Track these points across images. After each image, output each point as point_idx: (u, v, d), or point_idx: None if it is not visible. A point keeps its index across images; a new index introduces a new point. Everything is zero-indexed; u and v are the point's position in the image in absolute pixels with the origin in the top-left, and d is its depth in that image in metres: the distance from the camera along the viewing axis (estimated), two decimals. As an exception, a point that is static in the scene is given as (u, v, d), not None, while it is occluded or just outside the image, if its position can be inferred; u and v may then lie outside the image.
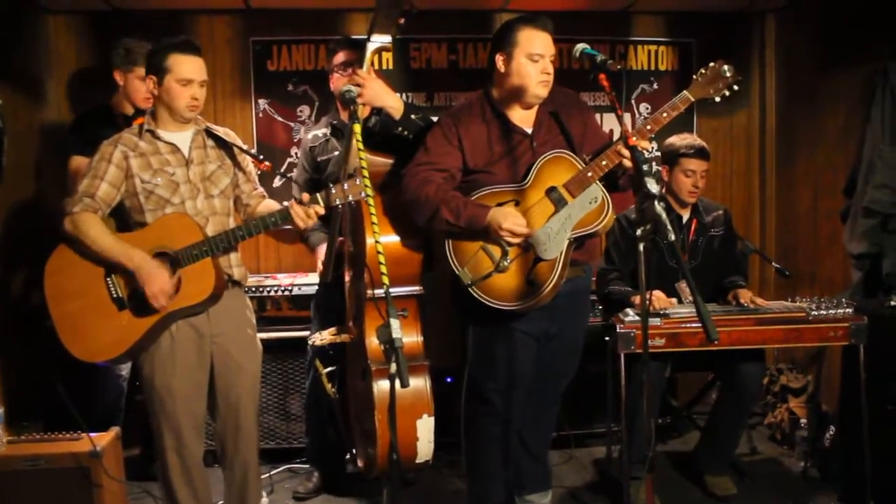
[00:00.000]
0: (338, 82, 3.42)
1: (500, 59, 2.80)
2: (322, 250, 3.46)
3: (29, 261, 3.47)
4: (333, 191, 2.65)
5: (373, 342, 2.67)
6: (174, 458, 2.81)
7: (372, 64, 2.91)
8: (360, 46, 3.42)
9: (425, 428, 2.75)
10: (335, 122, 3.49)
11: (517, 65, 2.76)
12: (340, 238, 3.07)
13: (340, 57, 3.44)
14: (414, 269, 2.88)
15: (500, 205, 2.72)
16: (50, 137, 4.08)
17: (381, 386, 2.67)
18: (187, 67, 2.71)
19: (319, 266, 3.44)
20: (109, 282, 2.69)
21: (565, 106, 2.93)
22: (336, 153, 3.42)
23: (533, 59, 2.74)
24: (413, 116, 2.93)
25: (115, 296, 2.69)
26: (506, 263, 2.68)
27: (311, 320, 3.63)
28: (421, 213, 2.73)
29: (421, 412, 2.74)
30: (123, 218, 2.81)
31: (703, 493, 3.53)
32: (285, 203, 2.77)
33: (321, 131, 3.54)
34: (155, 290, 2.62)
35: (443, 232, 2.74)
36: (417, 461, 2.78)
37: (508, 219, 2.65)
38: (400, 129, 2.92)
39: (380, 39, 2.84)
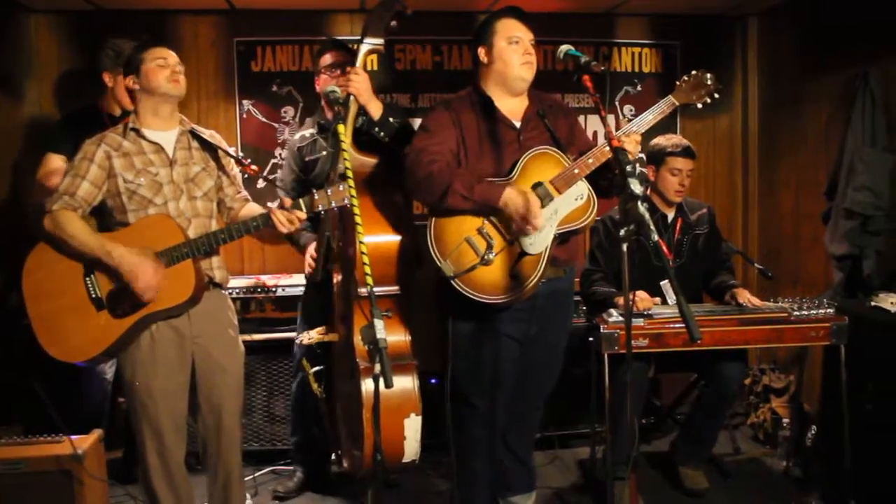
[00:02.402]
0: (325, 83, 3.40)
1: (482, 52, 2.86)
2: (311, 250, 3.44)
3: (8, 260, 3.44)
4: (317, 196, 2.65)
5: (360, 341, 2.67)
6: (155, 459, 2.79)
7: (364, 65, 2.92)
8: (346, 48, 3.44)
9: (412, 427, 2.74)
10: (322, 121, 3.48)
11: (499, 50, 2.82)
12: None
13: (328, 58, 3.42)
14: (400, 269, 2.88)
15: None
16: (30, 137, 4.05)
17: (370, 385, 2.66)
18: (159, 52, 2.76)
19: (308, 266, 3.42)
20: (88, 281, 2.67)
21: (552, 109, 2.96)
22: (324, 153, 3.41)
23: (512, 42, 2.80)
24: (391, 119, 2.95)
25: (93, 295, 2.66)
26: (491, 256, 2.69)
27: (298, 320, 3.61)
28: (433, 189, 2.69)
29: (408, 411, 2.73)
30: (105, 218, 2.79)
31: (681, 491, 3.56)
32: (269, 204, 2.76)
33: (308, 131, 3.52)
34: (141, 286, 2.60)
35: (451, 210, 2.70)
36: (404, 461, 2.78)
37: (527, 204, 2.62)
38: (377, 129, 2.92)
39: (372, 41, 2.86)
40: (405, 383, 2.73)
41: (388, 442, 2.64)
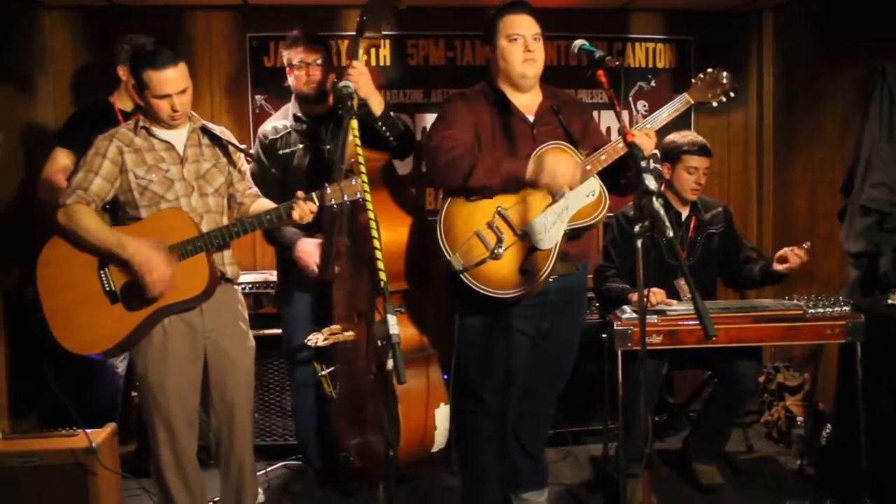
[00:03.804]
0: (296, 79, 3.31)
1: (488, 50, 2.89)
2: (303, 245, 3.24)
3: (22, 255, 3.46)
4: (329, 190, 2.65)
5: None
6: (168, 453, 2.81)
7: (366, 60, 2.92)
8: (319, 42, 3.35)
9: (442, 416, 2.76)
10: (297, 113, 3.37)
11: (500, 49, 2.82)
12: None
13: (299, 53, 3.28)
14: (412, 264, 2.88)
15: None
16: (44, 133, 4.07)
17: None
18: (162, 83, 2.67)
19: (310, 263, 3.24)
20: (102, 274, 2.68)
21: (567, 105, 2.96)
22: (300, 146, 3.32)
23: (512, 39, 2.79)
24: (392, 114, 2.95)
25: (107, 288, 2.68)
26: (500, 251, 2.68)
27: (288, 322, 3.46)
28: (457, 171, 2.68)
29: (438, 401, 2.76)
30: (117, 213, 2.80)
31: (697, 490, 3.54)
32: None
33: (281, 123, 3.38)
34: (153, 278, 2.61)
35: (475, 190, 2.70)
36: (433, 450, 2.81)
37: (562, 163, 2.61)
38: (380, 124, 2.92)
39: (370, 35, 2.87)
40: (432, 374, 2.76)
41: (420, 432, 2.69)
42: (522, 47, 2.79)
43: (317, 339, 3.01)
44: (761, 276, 3.55)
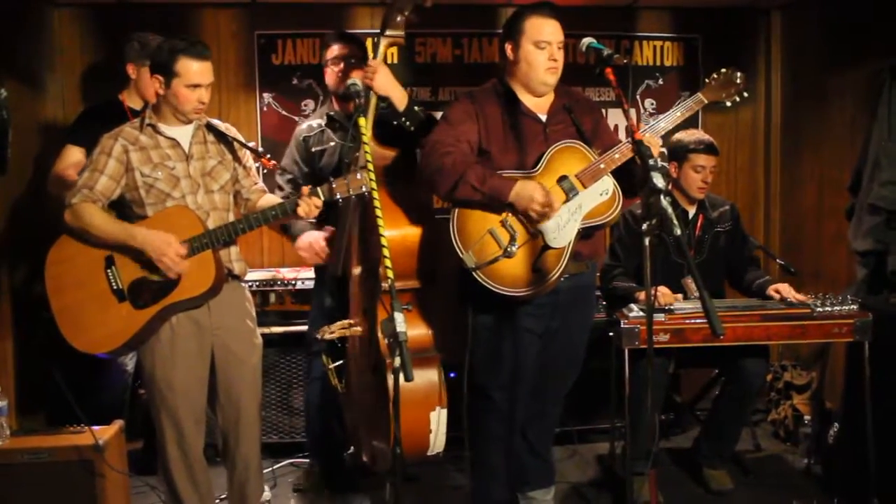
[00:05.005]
0: (330, 76, 3.40)
1: (508, 48, 2.85)
2: (304, 238, 3.37)
3: (31, 253, 3.48)
4: (335, 185, 2.65)
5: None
6: (175, 451, 2.81)
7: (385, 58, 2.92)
8: (354, 39, 3.43)
9: (437, 420, 2.75)
10: (331, 112, 3.45)
11: (524, 52, 2.79)
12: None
13: (333, 51, 3.38)
14: (420, 262, 2.88)
15: None
16: (52, 130, 4.08)
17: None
18: (196, 73, 2.69)
19: (318, 256, 3.36)
20: (109, 273, 2.69)
21: (578, 104, 2.96)
22: (332, 144, 3.39)
23: (539, 47, 2.77)
24: (416, 108, 2.95)
25: (115, 287, 2.69)
26: (513, 249, 2.67)
27: (311, 314, 3.60)
28: (445, 180, 2.69)
29: (433, 404, 2.74)
30: (124, 211, 2.80)
31: (704, 490, 3.53)
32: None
33: (316, 121, 3.48)
34: (168, 260, 2.62)
35: (462, 201, 2.70)
36: (429, 453, 2.79)
37: (538, 191, 2.63)
38: (403, 119, 2.92)
39: (392, 33, 2.87)
40: (430, 376, 2.74)
41: (414, 435, 2.65)
42: (548, 55, 2.78)
43: (326, 332, 3.03)
44: (757, 292, 3.57)
